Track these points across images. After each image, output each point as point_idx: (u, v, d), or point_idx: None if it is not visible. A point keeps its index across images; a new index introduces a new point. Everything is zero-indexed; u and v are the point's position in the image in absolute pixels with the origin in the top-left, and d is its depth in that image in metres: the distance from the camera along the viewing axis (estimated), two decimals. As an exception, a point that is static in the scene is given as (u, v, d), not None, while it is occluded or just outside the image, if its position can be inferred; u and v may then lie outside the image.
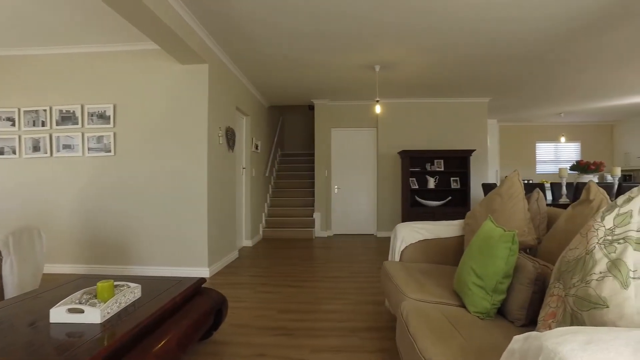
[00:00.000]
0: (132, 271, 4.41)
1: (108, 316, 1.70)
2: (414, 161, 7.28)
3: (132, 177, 4.43)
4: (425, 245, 2.78)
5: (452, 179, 7.24)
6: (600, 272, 1.06)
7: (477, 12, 3.73)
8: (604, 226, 1.15)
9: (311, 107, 8.27)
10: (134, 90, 4.45)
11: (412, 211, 6.86)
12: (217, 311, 2.55)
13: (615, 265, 1.04)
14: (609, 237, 1.11)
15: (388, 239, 7.20)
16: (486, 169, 7.53)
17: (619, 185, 4.51)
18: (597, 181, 4.81)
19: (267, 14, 3.74)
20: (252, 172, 6.65)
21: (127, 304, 1.91)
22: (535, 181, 10.62)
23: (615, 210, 1.15)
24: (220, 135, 4.76)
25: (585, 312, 1.04)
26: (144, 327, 1.75)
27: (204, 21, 3.90)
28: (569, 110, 8.81)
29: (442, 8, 3.64)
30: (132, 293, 1.95)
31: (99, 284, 1.75)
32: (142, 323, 1.73)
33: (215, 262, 4.59)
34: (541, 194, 2.34)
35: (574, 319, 1.08)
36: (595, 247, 1.13)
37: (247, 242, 6.45)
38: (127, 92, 4.45)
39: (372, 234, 7.68)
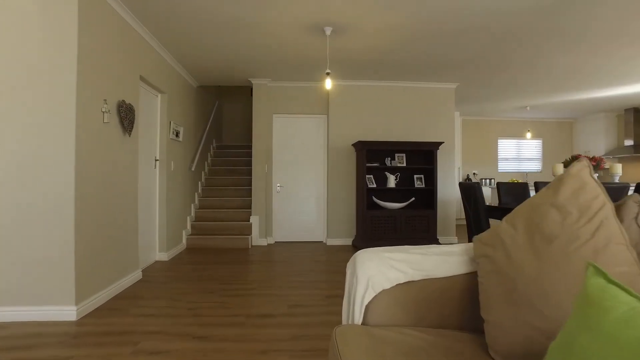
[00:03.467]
0: (-45, 312, 2.87)
1: None
2: (372, 155, 6.15)
3: (-43, 169, 2.88)
4: (408, 292, 1.57)
5: (415, 176, 6.18)
6: None
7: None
8: None
9: (251, 90, 6.93)
10: (-40, 37, 2.89)
11: (369, 215, 5.72)
12: None
13: None
14: None
15: (339, 247, 6.03)
16: (453, 166, 6.56)
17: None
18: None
19: None
20: (171, 165, 5.20)
21: None
22: (502, 180, 9.92)
23: None
24: (105, 110, 3.31)
25: None
26: None
27: None
28: (535, 104, 8.11)
29: None
30: None
31: None
32: None
33: (94, 293, 3.16)
34: (642, 205, 1.20)
35: None
36: None
37: (162, 256, 5.00)
38: (-50, 39, 2.89)
39: (321, 242, 6.48)
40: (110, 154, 3.45)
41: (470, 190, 3.89)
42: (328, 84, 4.20)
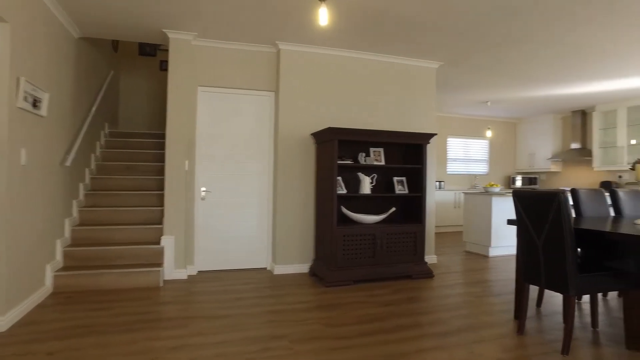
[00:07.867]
0: None
1: None
2: (341, 148, 4.51)
3: None
4: None
5: (395, 179, 4.67)
6: None
7: None
8: None
9: (165, 65, 4.85)
10: None
11: (340, 233, 4.06)
12: None
13: None
14: None
15: (293, 277, 4.29)
16: (433, 166, 5.19)
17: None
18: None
19: None
20: (21, 155, 2.99)
21: None
22: (455, 183, 8.95)
23: None
24: None
25: None
26: None
27: None
28: (498, 98, 7.21)
29: None
30: None
31: None
32: None
33: None
34: None
35: None
36: None
37: (-3, 319, 2.78)
38: None
39: (265, 269, 4.67)
40: None
41: (543, 203, 2.41)
42: (323, 16, 2.44)
